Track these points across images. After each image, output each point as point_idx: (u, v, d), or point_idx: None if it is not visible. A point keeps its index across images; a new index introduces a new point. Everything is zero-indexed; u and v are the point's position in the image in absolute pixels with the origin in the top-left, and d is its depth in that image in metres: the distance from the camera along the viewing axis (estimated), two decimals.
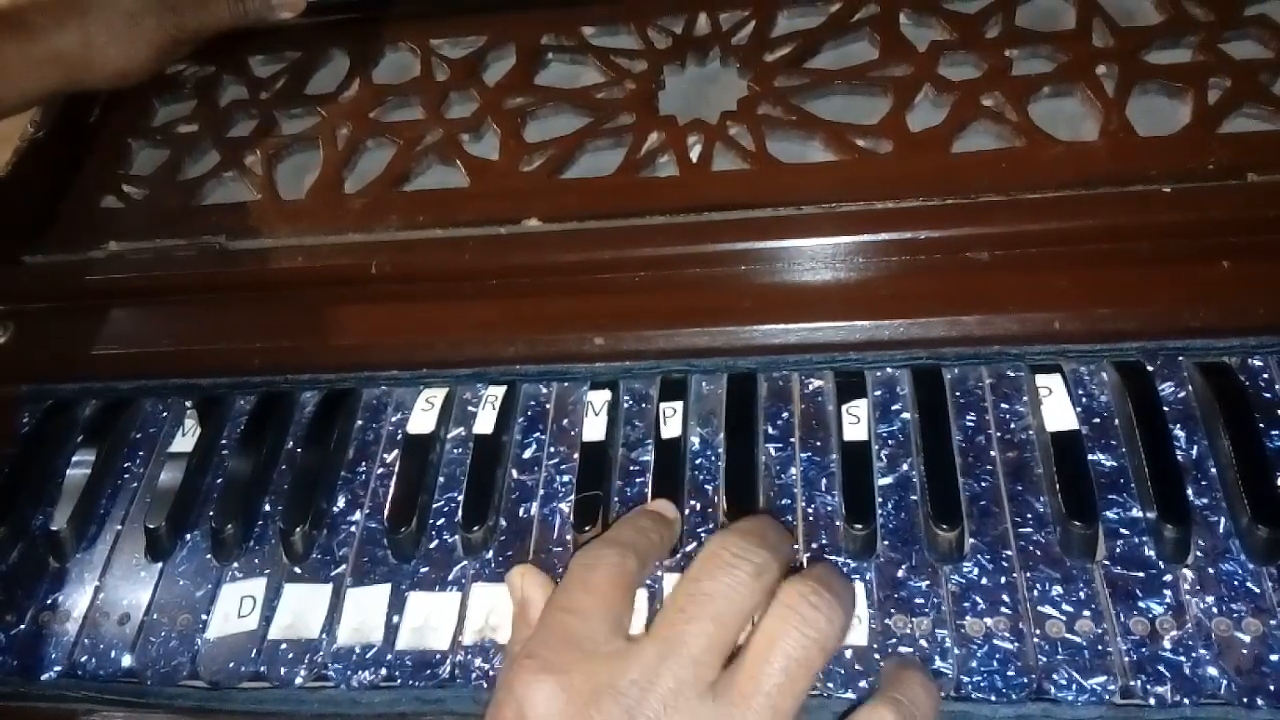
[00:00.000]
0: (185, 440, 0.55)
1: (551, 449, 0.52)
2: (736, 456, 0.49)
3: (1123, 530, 0.45)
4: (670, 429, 0.51)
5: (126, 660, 0.48)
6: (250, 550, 0.51)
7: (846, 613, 0.38)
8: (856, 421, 0.49)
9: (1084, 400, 0.49)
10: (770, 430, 0.51)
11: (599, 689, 0.36)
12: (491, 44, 0.69)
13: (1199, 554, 0.43)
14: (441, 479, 0.52)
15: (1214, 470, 0.46)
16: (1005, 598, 0.44)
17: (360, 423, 0.55)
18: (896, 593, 0.44)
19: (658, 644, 0.37)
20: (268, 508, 0.53)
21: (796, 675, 0.36)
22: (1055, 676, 0.41)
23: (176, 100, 0.72)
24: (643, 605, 0.45)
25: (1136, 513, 0.45)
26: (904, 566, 0.45)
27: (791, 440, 0.50)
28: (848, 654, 0.43)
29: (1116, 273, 0.50)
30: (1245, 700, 0.40)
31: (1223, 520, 0.44)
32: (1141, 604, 0.42)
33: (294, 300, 0.59)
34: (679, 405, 0.51)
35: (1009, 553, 0.45)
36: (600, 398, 0.52)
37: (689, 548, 0.47)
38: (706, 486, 0.49)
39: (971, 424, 0.49)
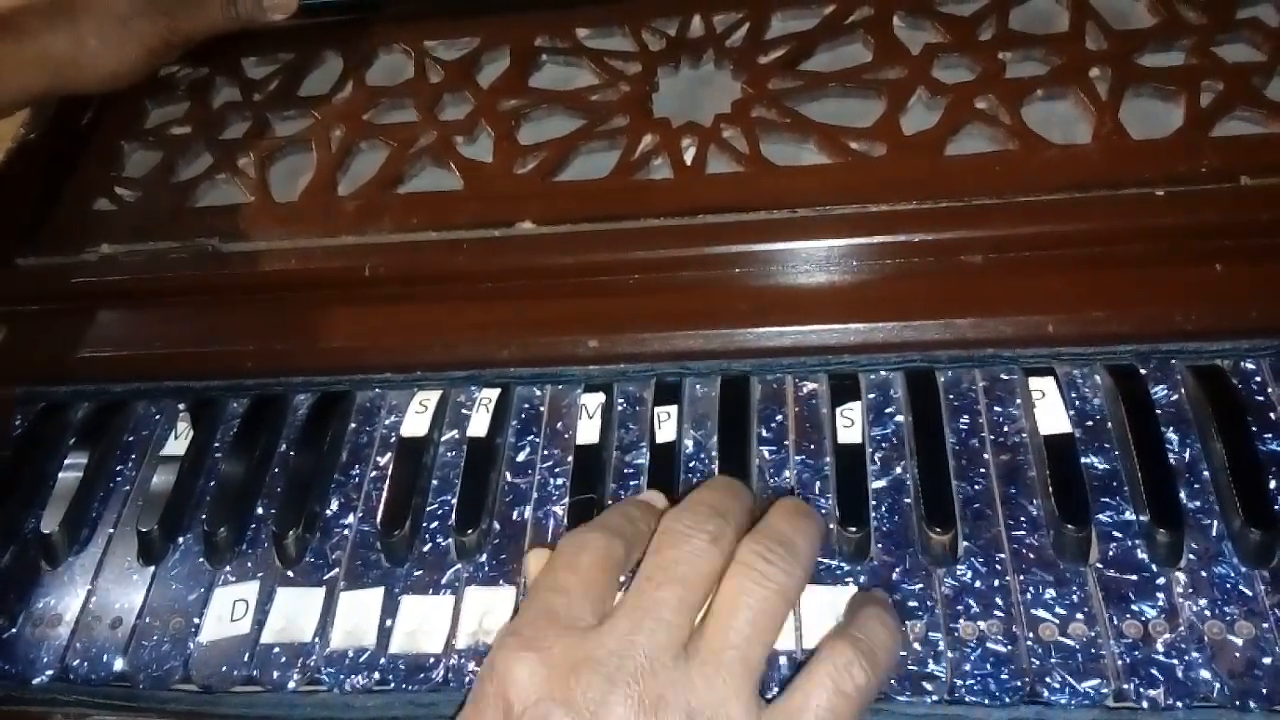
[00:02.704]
0: (178, 443, 0.55)
1: (545, 452, 0.52)
2: (730, 459, 0.49)
3: (1115, 533, 0.45)
4: (665, 433, 0.51)
5: (118, 664, 0.48)
6: (243, 554, 0.51)
7: (802, 559, 0.40)
8: (850, 424, 0.49)
9: (1077, 403, 0.49)
10: (764, 433, 0.51)
11: (578, 661, 0.37)
12: (485, 46, 0.69)
13: (1192, 557, 0.43)
14: (435, 482, 0.52)
15: (1206, 473, 0.46)
16: (999, 601, 0.44)
17: (354, 425, 0.55)
18: (890, 595, 0.44)
19: (630, 614, 0.38)
20: (260, 511, 0.52)
21: (762, 626, 0.38)
22: (1048, 679, 0.41)
23: (169, 102, 0.72)
24: None
25: (1129, 516, 0.45)
26: (898, 569, 0.45)
27: (785, 443, 0.50)
28: None
29: (1110, 275, 0.50)
30: (1238, 703, 0.40)
31: (1215, 523, 0.44)
32: (1134, 607, 0.43)
33: (287, 303, 0.58)
34: (673, 409, 0.51)
35: (1002, 556, 0.45)
36: (594, 400, 0.52)
37: None
38: None
39: (965, 427, 0.49)
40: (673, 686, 0.36)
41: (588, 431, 0.51)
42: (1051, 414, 0.47)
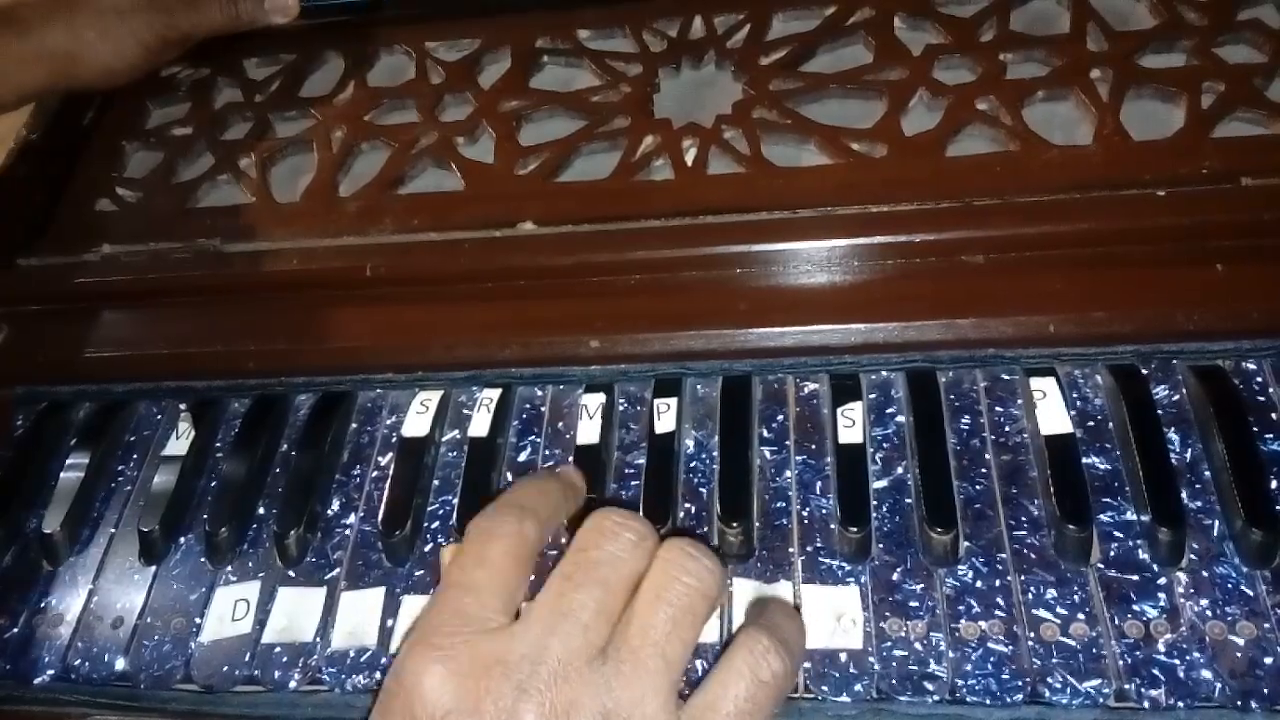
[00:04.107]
0: (179, 443, 0.55)
1: (547, 452, 0.52)
2: (731, 459, 0.49)
3: (1117, 533, 0.45)
4: (664, 424, 0.51)
5: (120, 664, 0.48)
6: (244, 553, 0.51)
7: (717, 565, 0.39)
8: (851, 424, 0.49)
9: (1078, 403, 0.49)
10: (765, 433, 0.51)
11: (489, 666, 0.36)
12: (486, 47, 0.69)
13: (1193, 557, 0.43)
14: (436, 482, 0.52)
15: (1208, 473, 0.46)
16: (1000, 601, 0.44)
17: (355, 425, 0.55)
18: (891, 596, 0.44)
19: (545, 615, 0.37)
20: (262, 511, 0.52)
21: (682, 623, 0.37)
22: (1050, 679, 0.41)
23: (171, 103, 0.72)
24: None
25: (1131, 516, 0.45)
26: (899, 570, 0.45)
27: (786, 443, 0.50)
28: (842, 657, 0.43)
29: (1111, 276, 0.50)
30: (1239, 703, 0.40)
31: (1216, 523, 0.44)
32: (1136, 607, 0.43)
33: (289, 303, 0.58)
34: (673, 401, 0.52)
35: (1004, 556, 0.45)
36: (595, 401, 0.52)
37: None
38: (701, 490, 0.49)
39: (966, 427, 0.49)
40: (586, 690, 0.35)
41: (588, 432, 0.51)
42: (1053, 414, 0.47)
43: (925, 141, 0.57)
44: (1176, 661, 0.41)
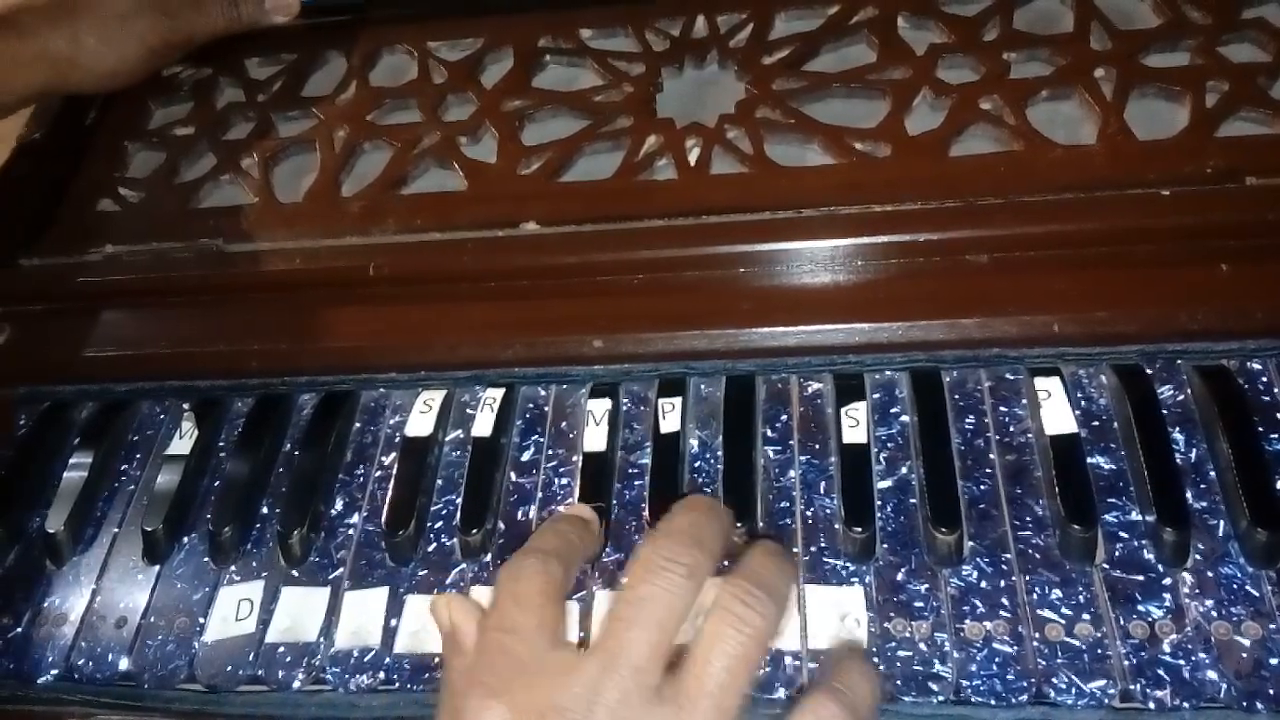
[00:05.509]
0: (183, 442, 0.55)
1: (550, 452, 0.52)
2: (735, 459, 0.49)
3: (1122, 533, 0.45)
4: (669, 424, 0.51)
5: (123, 663, 0.48)
6: (248, 553, 0.51)
7: (780, 604, 0.39)
8: (855, 424, 0.49)
9: (1083, 403, 0.49)
10: (769, 433, 0.51)
11: (545, 708, 0.36)
12: (489, 46, 0.69)
13: (1198, 557, 0.43)
14: (440, 482, 0.52)
15: (1213, 473, 0.46)
16: (1004, 601, 0.44)
17: (358, 425, 0.55)
18: (896, 596, 0.44)
19: (600, 655, 0.37)
20: (265, 510, 0.52)
21: (738, 672, 0.37)
22: (1055, 680, 0.41)
23: (173, 103, 0.72)
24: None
25: (1135, 516, 0.45)
26: (903, 570, 0.45)
27: (790, 443, 0.50)
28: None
29: (1115, 276, 0.50)
30: (1245, 704, 0.40)
31: (1222, 523, 0.44)
32: (1141, 607, 0.42)
33: (291, 303, 0.58)
34: (677, 401, 0.51)
35: (1008, 556, 0.45)
36: (601, 407, 0.52)
37: None
38: (706, 489, 0.49)
39: (970, 427, 0.49)
40: None
41: (595, 439, 0.51)
42: (1057, 414, 0.47)
43: (929, 141, 0.57)
44: (1182, 662, 0.41)
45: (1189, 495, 0.45)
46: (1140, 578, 0.43)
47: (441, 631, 0.43)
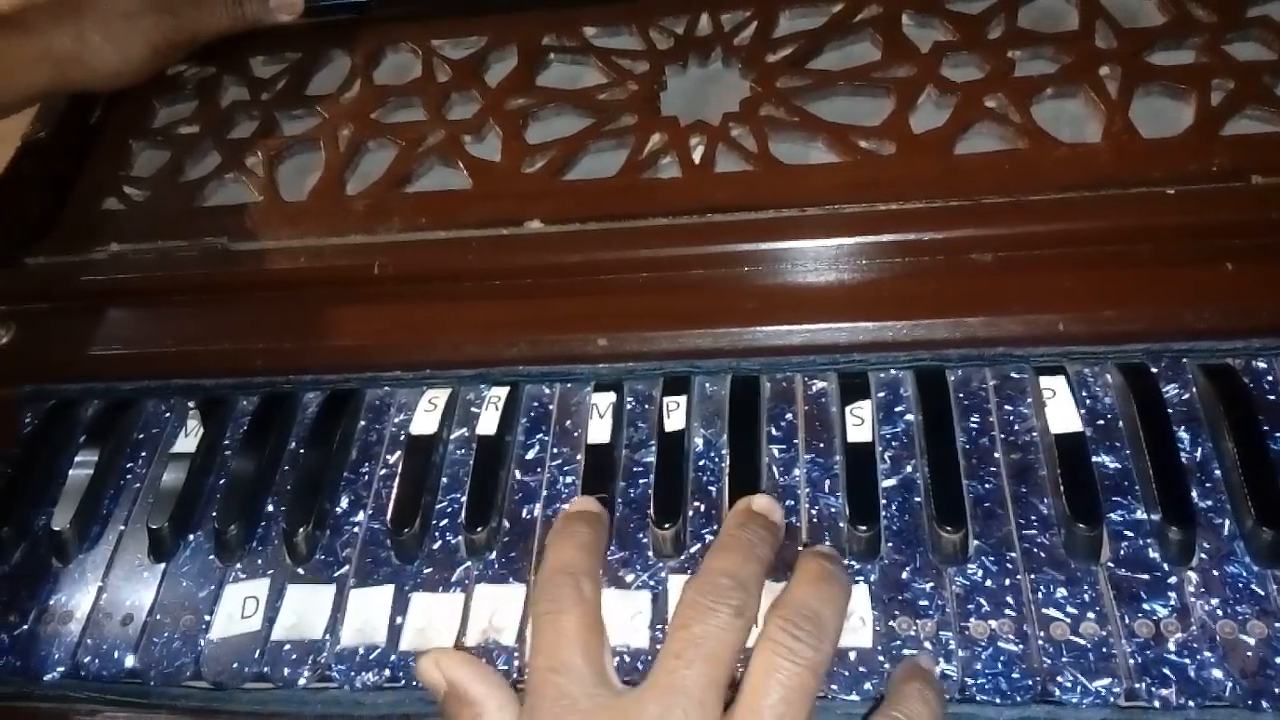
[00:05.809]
0: (188, 441, 0.55)
1: (555, 450, 0.52)
2: (740, 458, 0.49)
3: (1127, 532, 0.45)
4: (673, 422, 0.51)
5: (129, 661, 0.48)
6: (253, 551, 0.51)
7: (830, 631, 0.40)
8: (860, 423, 0.49)
9: (1088, 402, 0.49)
10: (774, 431, 0.51)
11: None
12: (493, 45, 0.69)
13: (1203, 556, 0.43)
14: (444, 480, 0.52)
15: (1218, 472, 0.46)
16: (1010, 600, 0.44)
17: (363, 423, 0.55)
18: (900, 595, 0.44)
19: (659, 693, 0.38)
20: (271, 508, 0.53)
21: (795, 701, 0.37)
22: (1060, 679, 0.41)
23: (177, 101, 0.72)
24: (645, 605, 0.46)
25: (1141, 515, 0.45)
26: (908, 568, 0.45)
27: (795, 441, 0.50)
28: (851, 656, 0.43)
29: (1120, 274, 0.50)
30: (1250, 703, 0.40)
31: (1227, 522, 0.44)
32: (1146, 606, 0.42)
33: (296, 301, 0.58)
34: (682, 399, 0.51)
35: (1013, 555, 0.45)
36: (605, 400, 0.52)
37: (693, 549, 0.47)
38: (710, 488, 0.49)
39: (975, 426, 0.49)
40: None
41: (599, 431, 0.51)
42: (1062, 413, 0.47)
43: (934, 139, 0.57)
44: (1187, 661, 0.41)
45: (1194, 494, 0.45)
46: (1145, 576, 0.43)
47: (437, 691, 0.42)
